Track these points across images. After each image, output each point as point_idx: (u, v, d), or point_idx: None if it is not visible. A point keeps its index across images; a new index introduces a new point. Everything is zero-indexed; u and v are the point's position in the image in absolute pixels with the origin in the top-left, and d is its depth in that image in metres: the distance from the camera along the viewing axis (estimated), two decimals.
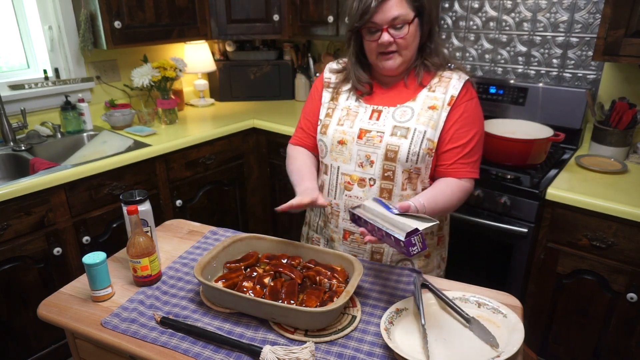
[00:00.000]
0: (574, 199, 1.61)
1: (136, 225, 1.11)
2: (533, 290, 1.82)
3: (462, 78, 1.23)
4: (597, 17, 1.95)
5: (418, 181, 1.25)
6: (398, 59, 1.19)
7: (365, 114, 1.26)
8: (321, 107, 1.35)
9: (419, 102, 1.22)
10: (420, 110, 1.21)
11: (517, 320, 0.97)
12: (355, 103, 1.28)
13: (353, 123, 1.26)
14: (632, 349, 1.64)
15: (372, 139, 1.22)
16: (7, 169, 2.06)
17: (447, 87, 1.21)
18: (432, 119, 1.20)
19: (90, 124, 2.34)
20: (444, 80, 1.23)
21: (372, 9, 1.11)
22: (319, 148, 1.35)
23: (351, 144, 1.25)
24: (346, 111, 1.28)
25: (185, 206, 2.29)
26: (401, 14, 1.12)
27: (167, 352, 0.95)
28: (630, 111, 1.85)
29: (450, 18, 2.36)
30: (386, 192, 1.24)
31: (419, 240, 0.94)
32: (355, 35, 1.22)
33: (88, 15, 2.16)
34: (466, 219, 1.84)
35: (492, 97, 2.21)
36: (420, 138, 1.19)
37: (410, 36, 1.15)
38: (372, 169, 1.23)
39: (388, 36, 1.14)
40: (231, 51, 2.89)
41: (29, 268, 1.78)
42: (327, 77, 1.37)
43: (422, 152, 1.20)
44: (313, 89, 1.41)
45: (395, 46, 1.16)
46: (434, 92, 1.22)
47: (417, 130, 1.19)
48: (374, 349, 0.95)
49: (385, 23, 1.13)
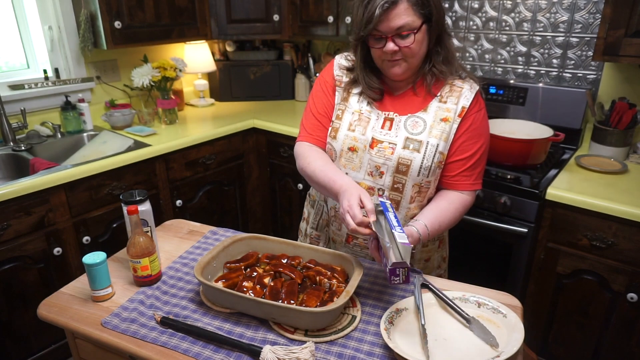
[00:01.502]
0: (574, 199, 1.61)
1: (136, 225, 1.11)
2: (533, 290, 1.82)
3: (474, 88, 1.19)
4: (597, 17, 1.95)
5: (426, 195, 1.23)
6: (404, 65, 1.14)
7: (377, 121, 1.22)
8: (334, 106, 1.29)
9: (431, 114, 1.19)
10: (433, 123, 1.18)
11: (517, 320, 0.97)
12: (367, 107, 1.23)
13: (365, 130, 1.21)
14: (632, 349, 1.64)
15: (383, 149, 1.19)
16: (7, 169, 2.06)
17: (458, 98, 1.18)
18: (445, 131, 1.17)
19: (90, 124, 2.34)
20: (455, 89, 1.19)
21: (376, 17, 1.06)
22: (326, 151, 1.29)
23: (362, 152, 1.21)
24: (357, 115, 1.23)
25: (185, 206, 2.29)
26: (407, 23, 1.07)
27: (167, 352, 0.95)
28: (630, 111, 1.85)
29: (450, 18, 2.36)
30: (394, 202, 1.22)
31: (403, 273, 0.93)
32: (362, 42, 1.18)
33: (88, 15, 2.16)
34: (466, 219, 1.84)
35: (492, 97, 2.21)
36: (433, 152, 1.17)
37: (416, 45, 1.11)
38: (382, 180, 1.21)
39: (393, 45, 1.10)
40: (231, 51, 2.89)
41: (29, 268, 1.78)
42: (338, 74, 1.29)
43: (434, 166, 1.18)
44: (323, 82, 1.31)
45: (400, 54, 1.12)
46: (446, 102, 1.18)
47: (430, 143, 1.17)
48: (374, 349, 0.95)
49: (390, 32, 1.08)
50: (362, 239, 1.28)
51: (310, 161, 1.23)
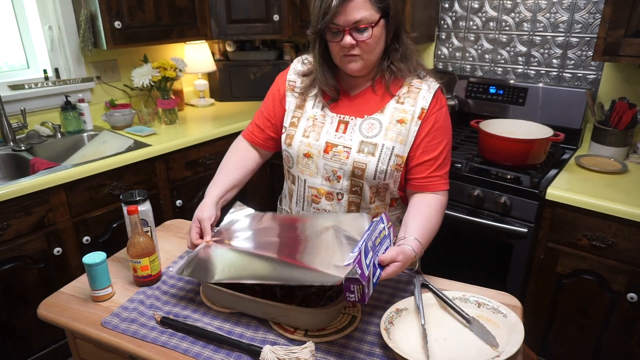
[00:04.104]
0: (574, 199, 1.61)
1: (136, 225, 1.11)
2: (533, 290, 1.83)
3: (432, 88, 1.16)
4: (597, 17, 1.95)
5: (387, 194, 1.22)
6: (360, 62, 1.12)
7: (331, 125, 1.20)
8: (286, 114, 1.28)
9: (387, 115, 1.16)
10: (389, 125, 1.15)
11: (517, 320, 0.97)
12: (320, 112, 1.22)
13: (319, 135, 1.20)
14: (632, 349, 1.64)
15: (338, 154, 1.17)
16: (7, 169, 2.06)
17: (416, 99, 1.16)
18: (401, 133, 1.14)
19: (91, 124, 2.34)
20: (413, 90, 1.17)
21: (332, 9, 1.04)
22: (284, 158, 1.29)
23: (317, 158, 1.20)
24: (312, 121, 1.22)
25: (185, 206, 2.29)
26: (364, 17, 1.05)
27: (167, 352, 0.95)
28: (630, 111, 1.85)
29: (450, 18, 2.36)
30: (354, 205, 1.21)
31: (358, 291, 0.85)
32: (320, 37, 1.16)
33: (88, 15, 2.16)
34: (466, 219, 1.84)
35: (492, 97, 2.21)
36: (388, 155, 1.14)
37: (373, 39, 1.09)
38: (340, 184, 1.20)
39: (350, 38, 1.07)
40: (231, 51, 2.89)
41: (29, 268, 1.78)
42: (292, 79, 1.28)
43: (389, 169, 1.15)
44: (275, 88, 1.32)
45: (358, 49, 1.10)
46: (403, 103, 1.16)
47: (385, 146, 1.14)
48: (374, 349, 0.95)
49: (348, 25, 1.06)
50: None
51: (226, 156, 1.37)
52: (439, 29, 2.43)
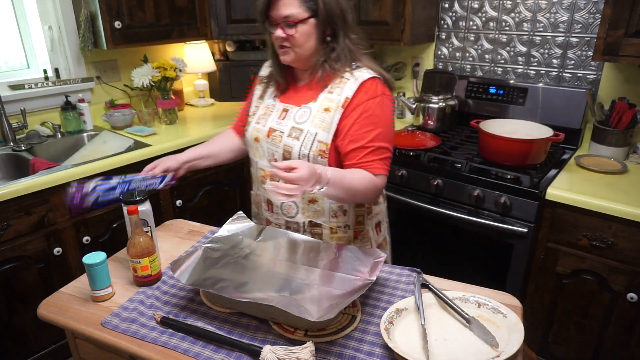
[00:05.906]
0: (574, 199, 1.61)
1: (136, 225, 1.11)
2: (533, 290, 1.83)
3: (360, 79, 1.21)
4: (597, 17, 1.95)
5: None
6: (291, 54, 1.22)
7: (276, 112, 1.31)
8: (251, 103, 1.42)
9: (317, 104, 1.25)
10: (316, 112, 1.23)
11: (516, 320, 0.97)
12: (272, 101, 1.34)
13: (266, 122, 1.31)
14: (632, 349, 1.64)
15: (275, 138, 1.28)
16: (7, 169, 2.06)
17: (342, 89, 1.22)
18: (325, 121, 1.22)
19: (91, 124, 2.34)
20: (342, 81, 1.23)
21: (267, 3, 1.18)
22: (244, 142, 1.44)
23: (263, 142, 1.31)
24: (264, 109, 1.35)
25: (185, 206, 2.29)
26: (292, 13, 1.16)
27: (167, 352, 0.95)
28: (630, 111, 1.85)
29: (450, 18, 2.36)
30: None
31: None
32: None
33: (88, 15, 2.16)
34: (466, 219, 1.84)
35: (492, 97, 2.22)
36: (311, 140, 1.21)
37: (301, 35, 1.18)
38: None
39: (280, 32, 1.19)
40: (231, 51, 2.89)
41: (29, 268, 1.78)
42: (263, 74, 1.42)
43: (312, 154, 1.21)
44: (254, 83, 1.46)
45: (288, 42, 1.20)
46: (332, 93, 1.24)
47: (309, 132, 1.22)
48: (374, 349, 0.95)
49: (279, 19, 1.18)
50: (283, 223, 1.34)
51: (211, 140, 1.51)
52: (439, 29, 2.43)
